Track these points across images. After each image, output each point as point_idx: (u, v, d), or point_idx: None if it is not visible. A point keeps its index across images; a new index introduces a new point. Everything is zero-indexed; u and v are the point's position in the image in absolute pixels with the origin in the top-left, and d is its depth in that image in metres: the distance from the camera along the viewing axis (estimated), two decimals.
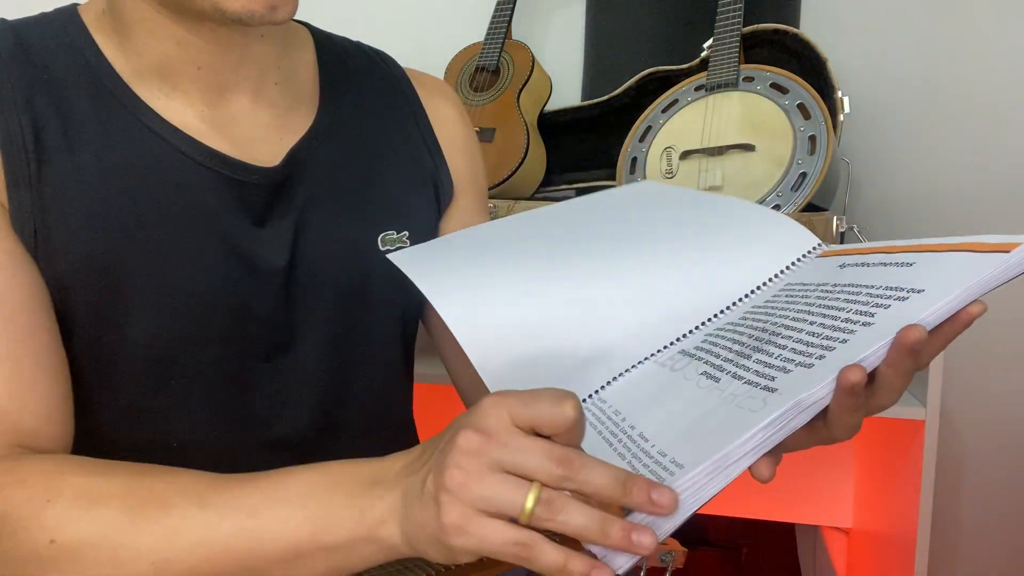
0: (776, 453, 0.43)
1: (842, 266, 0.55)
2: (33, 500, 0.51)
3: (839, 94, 1.13)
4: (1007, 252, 0.44)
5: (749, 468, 0.43)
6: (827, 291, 0.53)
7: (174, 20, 0.60)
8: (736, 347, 0.53)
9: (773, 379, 0.46)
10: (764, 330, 0.52)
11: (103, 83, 0.62)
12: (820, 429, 0.44)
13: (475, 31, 1.36)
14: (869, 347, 0.43)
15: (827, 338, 0.47)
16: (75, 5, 0.65)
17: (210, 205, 0.62)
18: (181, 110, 0.63)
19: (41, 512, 0.50)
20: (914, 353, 0.42)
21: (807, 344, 0.48)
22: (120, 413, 0.63)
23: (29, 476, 0.52)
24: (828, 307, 0.50)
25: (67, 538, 0.50)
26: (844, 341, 0.45)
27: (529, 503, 0.41)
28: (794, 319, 0.51)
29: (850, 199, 1.27)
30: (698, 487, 0.42)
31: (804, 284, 0.56)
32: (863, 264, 0.53)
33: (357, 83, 0.73)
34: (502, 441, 0.42)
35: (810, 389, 0.43)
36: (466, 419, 0.44)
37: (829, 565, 1.43)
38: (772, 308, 0.56)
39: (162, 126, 0.62)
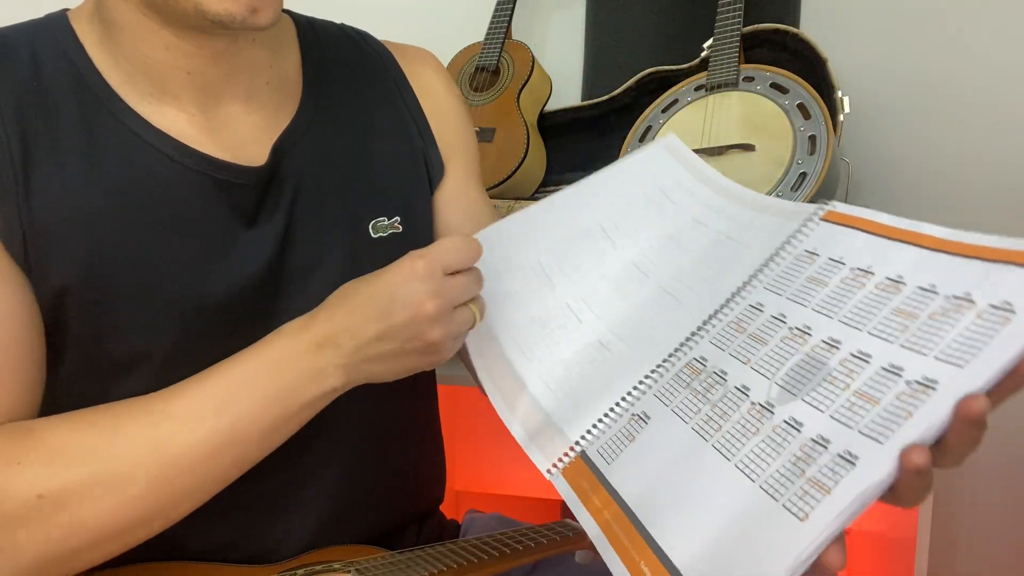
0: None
1: (862, 269, 0.51)
2: (5, 466, 0.53)
3: (839, 94, 1.13)
4: None
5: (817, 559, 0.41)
6: (860, 318, 0.49)
7: (161, 25, 0.59)
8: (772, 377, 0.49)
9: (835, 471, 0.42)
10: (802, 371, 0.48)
11: (92, 91, 0.61)
12: (884, 494, 0.42)
13: (475, 31, 1.36)
14: (930, 419, 0.40)
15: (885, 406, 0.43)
16: (65, 11, 0.65)
17: (200, 210, 0.62)
18: (172, 115, 0.62)
19: (18, 474, 0.53)
20: (980, 424, 0.40)
21: (858, 415, 0.44)
22: None
23: None
24: (872, 351, 0.46)
25: (54, 487, 0.52)
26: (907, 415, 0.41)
27: (478, 318, 0.60)
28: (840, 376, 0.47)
29: (850, 199, 1.27)
30: None
31: (823, 285, 0.53)
32: (896, 280, 0.49)
33: (341, 68, 0.72)
34: (448, 290, 0.57)
35: (868, 480, 0.40)
36: (410, 284, 0.56)
37: None
38: (797, 318, 0.52)
39: (151, 133, 0.61)
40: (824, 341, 0.49)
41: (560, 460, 0.57)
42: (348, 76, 0.72)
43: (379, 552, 0.70)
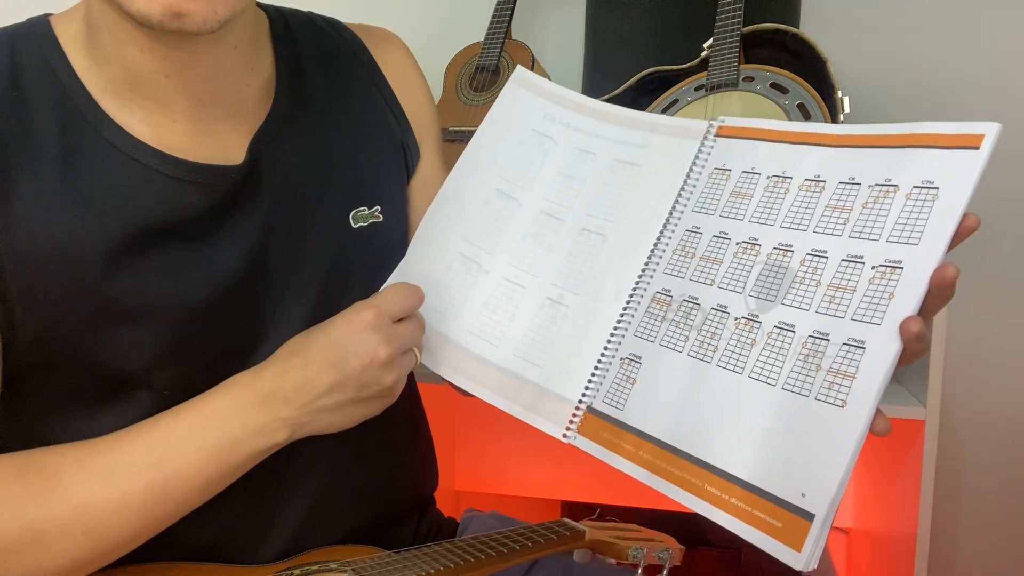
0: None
1: (779, 176, 0.55)
2: None
3: (839, 94, 1.12)
4: (978, 148, 0.48)
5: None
6: (802, 217, 0.53)
7: (135, 26, 0.58)
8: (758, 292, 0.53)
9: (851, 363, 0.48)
10: (770, 280, 0.53)
11: (72, 102, 0.60)
12: None
13: (475, 31, 1.36)
14: (912, 293, 0.46)
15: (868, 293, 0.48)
16: (47, 16, 0.63)
17: (180, 215, 0.62)
18: (154, 121, 0.62)
19: None
20: (953, 285, 0.46)
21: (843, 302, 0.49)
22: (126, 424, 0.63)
23: None
24: (834, 244, 0.51)
25: None
26: (890, 295, 0.47)
27: (418, 357, 0.64)
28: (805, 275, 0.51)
29: None
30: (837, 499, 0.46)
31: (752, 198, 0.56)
32: (819, 179, 0.53)
33: (314, 60, 0.72)
34: (397, 336, 0.60)
35: (885, 358, 0.46)
36: (361, 334, 0.59)
37: (829, 565, 1.43)
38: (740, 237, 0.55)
39: (129, 144, 0.61)
40: (776, 248, 0.53)
41: (571, 421, 0.58)
42: (322, 67, 0.72)
43: (376, 552, 0.70)
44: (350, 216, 0.70)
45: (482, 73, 1.33)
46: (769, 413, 0.48)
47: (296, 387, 0.58)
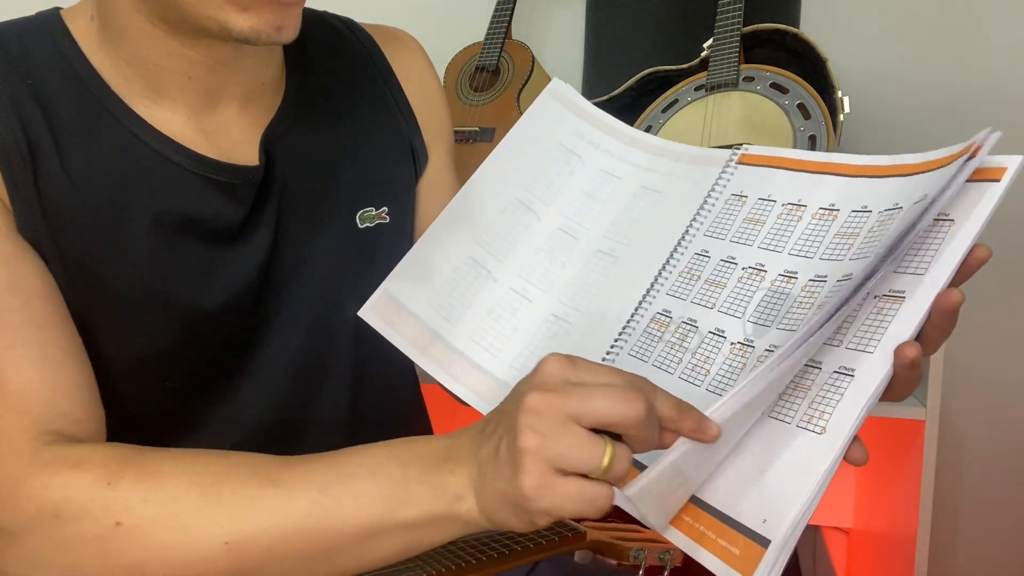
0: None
1: (794, 203, 0.54)
2: (94, 483, 0.49)
3: (839, 94, 1.13)
4: (998, 181, 0.46)
5: (844, 459, 0.45)
6: (814, 239, 0.52)
7: (168, 33, 0.58)
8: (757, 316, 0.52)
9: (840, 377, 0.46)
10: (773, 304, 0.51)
11: (90, 91, 0.60)
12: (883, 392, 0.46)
13: (475, 31, 1.36)
14: (909, 322, 0.44)
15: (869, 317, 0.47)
16: (57, 10, 0.64)
17: (201, 212, 0.62)
18: (168, 117, 0.62)
19: (104, 495, 0.49)
20: (956, 314, 0.44)
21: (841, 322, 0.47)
22: (116, 419, 0.63)
23: (85, 460, 0.51)
24: (837, 264, 0.49)
25: (134, 520, 0.48)
26: (887, 319, 0.46)
27: (605, 461, 0.41)
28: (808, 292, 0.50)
29: None
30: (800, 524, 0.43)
31: (763, 220, 0.55)
32: (832, 207, 0.52)
33: (324, 58, 0.72)
34: (569, 392, 0.42)
35: (870, 386, 0.44)
36: (529, 380, 0.44)
37: (829, 565, 1.43)
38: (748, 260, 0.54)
39: (150, 133, 0.61)
40: (780, 275, 0.51)
41: None
42: (332, 65, 0.72)
43: None
44: (357, 216, 0.69)
45: (482, 73, 1.33)
46: (750, 439, 0.46)
47: (471, 437, 0.48)
